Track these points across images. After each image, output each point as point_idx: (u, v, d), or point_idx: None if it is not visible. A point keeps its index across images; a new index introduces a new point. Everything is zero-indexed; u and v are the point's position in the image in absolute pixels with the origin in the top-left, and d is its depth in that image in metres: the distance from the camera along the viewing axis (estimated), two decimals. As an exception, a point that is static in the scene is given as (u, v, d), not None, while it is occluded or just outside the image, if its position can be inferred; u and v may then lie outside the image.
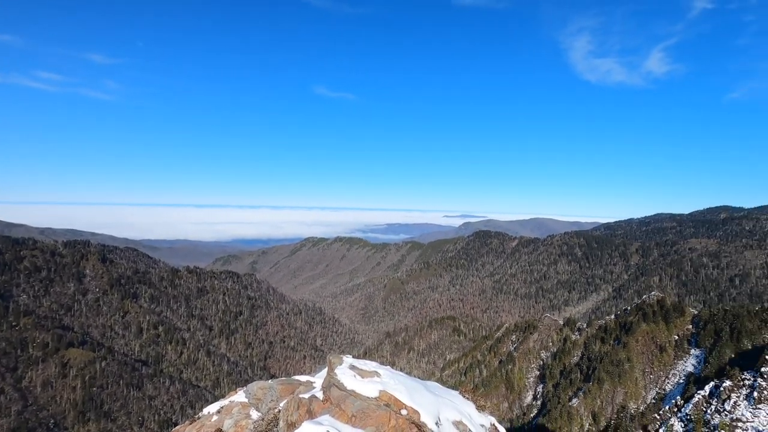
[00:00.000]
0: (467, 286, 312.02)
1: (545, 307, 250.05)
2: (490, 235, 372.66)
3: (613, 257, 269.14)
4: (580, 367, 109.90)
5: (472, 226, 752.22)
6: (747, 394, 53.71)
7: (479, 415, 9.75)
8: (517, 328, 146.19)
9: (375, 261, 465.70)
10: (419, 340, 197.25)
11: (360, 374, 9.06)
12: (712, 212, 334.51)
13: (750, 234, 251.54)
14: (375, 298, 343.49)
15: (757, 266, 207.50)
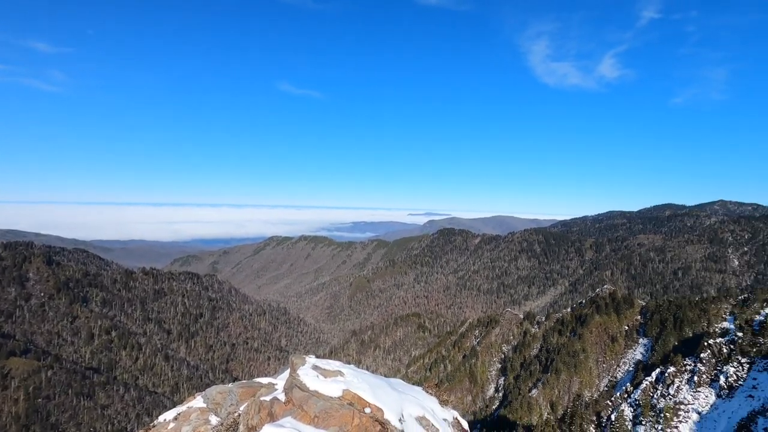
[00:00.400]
0: (432, 283, 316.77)
1: (507, 302, 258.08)
2: (454, 233, 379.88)
3: (569, 253, 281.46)
4: (539, 359, 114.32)
5: (437, 224, 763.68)
6: (688, 379, 57.71)
7: (442, 410, 9.91)
8: (480, 323, 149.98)
9: (341, 259, 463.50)
10: (385, 337, 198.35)
11: (323, 374, 8.97)
12: (658, 210, 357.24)
13: (691, 230, 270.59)
14: (341, 296, 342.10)
15: (697, 260, 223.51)
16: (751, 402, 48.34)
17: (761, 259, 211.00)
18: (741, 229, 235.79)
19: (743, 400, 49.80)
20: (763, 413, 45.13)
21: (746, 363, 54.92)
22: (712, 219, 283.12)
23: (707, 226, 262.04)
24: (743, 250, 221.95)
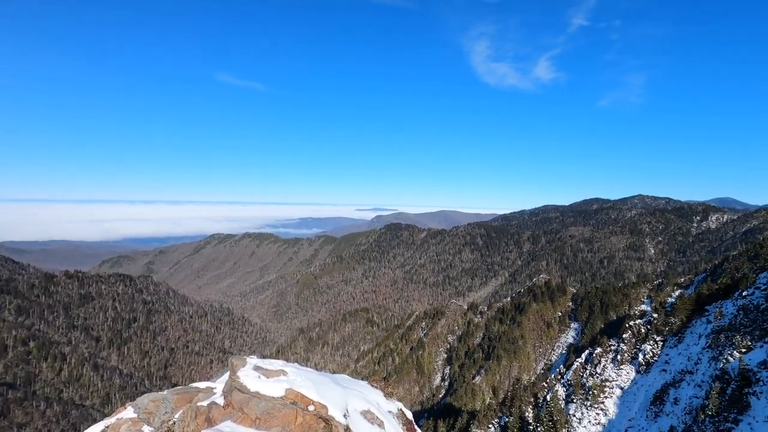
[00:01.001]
0: (380, 278, 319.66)
1: (452, 294, 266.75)
2: (401, 228, 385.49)
3: (509, 245, 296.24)
4: (482, 347, 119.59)
5: (384, 219, 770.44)
6: (613, 358, 63.12)
7: (387, 402, 10.04)
8: (427, 315, 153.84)
9: (287, 256, 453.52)
10: (333, 333, 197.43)
11: (265, 374, 8.72)
12: (587, 204, 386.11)
13: (615, 222, 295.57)
14: (287, 294, 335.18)
15: (620, 249, 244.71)
16: (664, 375, 53.85)
17: (672, 248, 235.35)
18: (656, 220, 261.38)
19: (658, 374, 55.37)
20: (673, 384, 50.45)
21: (660, 341, 61.05)
22: (632, 212, 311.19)
23: (628, 219, 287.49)
24: (658, 240, 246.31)
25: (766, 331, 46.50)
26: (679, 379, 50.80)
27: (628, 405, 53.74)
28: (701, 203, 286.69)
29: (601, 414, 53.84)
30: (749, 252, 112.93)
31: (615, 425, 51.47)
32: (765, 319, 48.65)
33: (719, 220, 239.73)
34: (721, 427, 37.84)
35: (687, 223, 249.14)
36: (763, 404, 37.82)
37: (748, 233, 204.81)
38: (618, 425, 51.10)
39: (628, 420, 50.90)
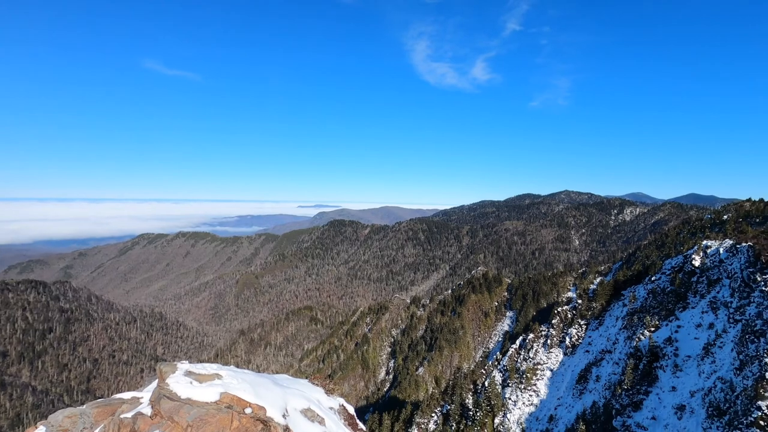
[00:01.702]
0: (323, 275, 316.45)
1: (395, 289, 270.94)
2: (344, 224, 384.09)
3: (449, 239, 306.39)
4: (424, 339, 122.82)
5: (327, 215, 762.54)
6: (543, 343, 67.66)
7: (328, 399, 9.95)
8: (371, 310, 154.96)
9: (225, 256, 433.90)
10: (276, 334, 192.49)
11: (198, 379, 8.25)
12: (520, 199, 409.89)
13: (545, 216, 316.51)
14: (226, 295, 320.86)
15: (549, 241, 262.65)
16: (588, 356, 58.73)
17: (594, 239, 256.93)
18: (580, 214, 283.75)
19: (582, 355, 60.27)
20: (595, 364, 55.16)
21: (584, 324, 66.45)
22: (560, 206, 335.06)
23: (556, 213, 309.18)
24: (582, 232, 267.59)
25: (671, 311, 52.24)
26: (600, 358, 55.65)
27: (557, 385, 57.96)
28: (618, 198, 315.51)
29: (533, 395, 57.57)
30: (657, 241, 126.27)
31: (546, 405, 55.30)
32: (670, 301, 54.60)
33: (633, 213, 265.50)
34: (634, 399, 42.03)
35: (606, 216, 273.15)
36: (668, 376, 42.49)
37: (656, 225, 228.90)
38: (548, 404, 54.96)
39: (557, 399, 54.93)
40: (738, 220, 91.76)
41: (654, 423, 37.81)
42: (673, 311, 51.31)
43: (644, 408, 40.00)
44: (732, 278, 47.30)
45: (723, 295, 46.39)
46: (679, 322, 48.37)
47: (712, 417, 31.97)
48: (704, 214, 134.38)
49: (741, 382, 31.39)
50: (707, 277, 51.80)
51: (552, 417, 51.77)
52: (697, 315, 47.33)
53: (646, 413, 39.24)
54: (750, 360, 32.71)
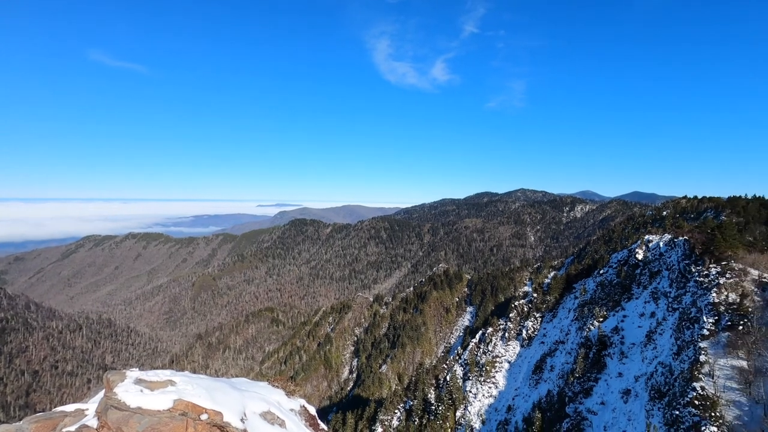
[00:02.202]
0: (284, 275, 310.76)
1: (358, 287, 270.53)
2: (306, 223, 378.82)
3: (411, 237, 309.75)
4: (387, 337, 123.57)
5: (288, 214, 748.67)
6: (501, 336, 69.93)
7: (289, 401, 9.79)
8: (334, 310, 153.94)
9: (180, 257, 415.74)
10: (236, 337, 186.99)
11: (149, 387, 7.87)
12: (479, 197, 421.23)
13: (502, 213, 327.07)
14: (182, 298, 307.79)
15: (507, 237, 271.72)
16: (543, 347, 61.30)
17: (548, 235, 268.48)
18: (535, 211, 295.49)
19: (538, 346, 62.85)
20: (550, 354, 57.66)
21: (539, 317, 69.30)
22: (516, 204, 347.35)
23: (513, 210, 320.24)
24: (537, 228, 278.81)
25: (617, 302, 55.52)
26: (554, 349, 58.25)
27: (514, 376, 60.13)
28: (569, 196, 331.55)
29: (493, 387, 59.42)
30: (605, 237, 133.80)
31: (504, 395, 57.25)
32: (616, 292, 58.00)
33: (583, 210, 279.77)
34: (585, 386, 44.33)
35: (559, 213, 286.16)
36: (615, 363, 45.12)
37: (604, 221, 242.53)
38: (507, 395, 56.92)
39: (515, 389, 57.00)
40: (675, 216, 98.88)
41: (603, 408, 40.10)
42: (619, 302, 54.60)
43: (594, 394, 42.32)
44: (670, 270, 50.96)
45: (663, 285, 49.89)
46: (624, 312, 51.53)
47: (654, 399, 34.35)
48: (646, 211, 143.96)
49: (679, 366, 33.92)
50: (649, 270, 55.52)
51: (510, 407, 53.69)
52: (641, 305, 50.64)
53: (596, 399, 41.56)
54: (686, 345, 35.41)
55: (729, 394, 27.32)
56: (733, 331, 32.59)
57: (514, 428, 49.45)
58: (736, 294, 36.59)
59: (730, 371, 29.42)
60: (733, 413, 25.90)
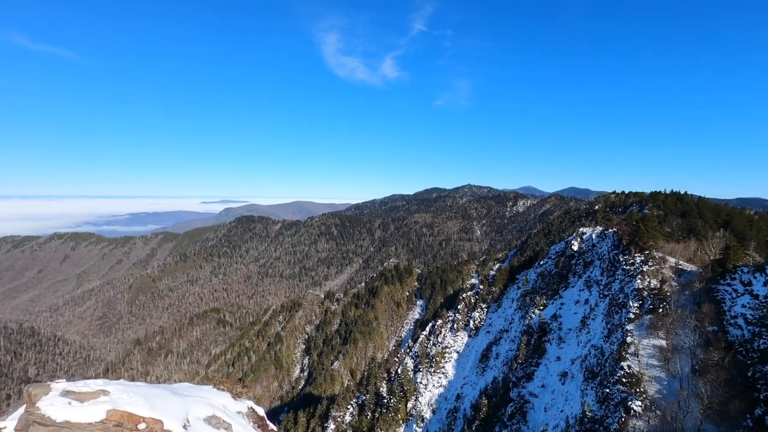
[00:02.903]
0: (231, 275, 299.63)
1: (309, 284, 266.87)
2: (254, 220, 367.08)
3: (362, 233, 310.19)
4: (339, 333, 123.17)
5: (234, 211, 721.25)
6: (450, 327, 72.10)
7: (236, 403, 9.48)
8: (284, 308, 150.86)
9: (115, 258, 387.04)
10: (179, 340, 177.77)
11: (78, 399, 7.28)
12: (428, 192, 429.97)
13: (450, 208, 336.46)
14: (117, 302, 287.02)
15: (455, 232, 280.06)
16: (489, 336, 63.99)
17: (493, 229, 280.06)
18: (481, 206, 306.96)
19: (484, 336, 65.52)
20: (495, 343, 60.29)
21: (485, 307, 72.18)
22: (463, 199, 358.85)
23: (460, 205, 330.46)
24: (483, 223, 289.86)
25: (556, 290, 59.06)
26: (499, 337, 60.99)
27: (462, 365, 62.29)
28: (512, 191, 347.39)
29: (442, 377, 61.19)
30: (544, 230, 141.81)
31: (453, 384, 59.17)
32: (554, 282, 61.65)
33: (525, 205, 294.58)
34: (527, 371, 46.85)
35: (503, 208, 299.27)
36: (554, 348, 48.04)
37: (544, 215, 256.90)
38: (456, 384, 58.88)
39: (463, 378, 59.07)
40: (606, 210, 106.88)
41: (543, 390, 42.67)
42: (557, 291, 58.21)
43: (535, 378, 44.91)
44: (602, 260, 55.07)
45: (595, 274, 53.83)
46: (562, 300, 55.03)
47: (587, 379, 37.06)
48: (581, 205, 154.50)
49: (609, 348, 36.84)
50: (583, 260, 59.64)
51: (459, 395, 55.63)
52: (576, 293, 54.32)
53: (537, 382, 44.13)
54: (615, 328, 38.51)
55: (651, 371, 30.11)
56: (654, 313, 35.91)
57: (462, 415, 51.32)
58: (657, 280, 40.31)
59: (652, 350, 32.42)
60: (654, 388, 28.58)
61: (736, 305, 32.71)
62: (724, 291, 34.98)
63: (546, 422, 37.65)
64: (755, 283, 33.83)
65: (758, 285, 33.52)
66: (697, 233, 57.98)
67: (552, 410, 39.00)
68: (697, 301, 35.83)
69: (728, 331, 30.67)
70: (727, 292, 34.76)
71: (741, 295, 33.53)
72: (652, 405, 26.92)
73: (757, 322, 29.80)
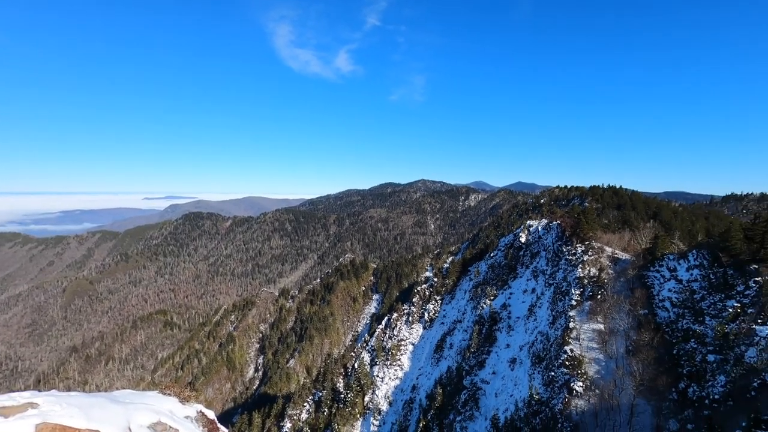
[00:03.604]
0: (179, 274, 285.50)
1: (262, 282, 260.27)
2: (202, 217, 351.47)
3: (316, 229, 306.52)
4: (294, 331, 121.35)
5: (181, 208, 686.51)
6: (406, 320, 73.21)
7: (184, 408, 9.05)
8: (236, 307, 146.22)
9: (45, 260, 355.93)
10: (121, 346, 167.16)
11: (2, 414, 6.65)
12: (383, 187, 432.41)
13: (404, 203, 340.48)
14: (49, 307, 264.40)
15: (409, 226, 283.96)
16: (443, 327, 65.65)
17: (447, 222, 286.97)
18: (435, 201, 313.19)
19: (438, 327, 67.14)
20: (449, 333, 61.97)
21: (439, 299, 73.92)
22: (417, 194, 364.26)
23: (414, 200, 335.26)
24: (436, 217, 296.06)
25: (505, 281, 61.54)
26: (453, 328, 62.74)
27: (418, 357, 63.52)
28: (464, 186, 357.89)
29: (399, 369, 62.09)
30: (494, 223, 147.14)
31: (409, 376, 60.23)
32: (504, 273, 64.22)
33: (476, 199, 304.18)
34: (479, 359, 48.59)
35: (456, 202, 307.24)
36: (504, 335, 50.10)
37: (494, 208, 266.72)
38: (411, 375, 59.96)
39: (418, 369, 60.27)
40: (551, 204, 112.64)
41: (494, 377, 44.50)
42: (507, 281, 60.74)
43: (487, 365, 46.72)
44: (547, 250, 58.06)
45: (541, 264, 56.69)
46: (511, 290, 57.51)
47: (535, 364, 39.08)
48: (528, 199, 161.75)
49: (554, 333, 39.02)
50: (530, 251, 62.60)
51: (415, 386, 56.73)
52: (524, 282, 56.97)
53: (489, 369, 45.93)
54: (559, 315, 40.84)
55: (591, 353, 32.29)
56: (593, 300, 38.47)
57: (418, 406, 52.41)
58: (596, 268, 43.17)
59: (592, 334, 34.75)
60: (594, 369, 30.69)
61: (664, 289, 35.77)
62: (654, 277, 38.12)
63: (497, 407, 39.35)
64: (679, 269, 37.14)
65: (682, 271, 36.83)
66: (631, 224, 62.66)
67: (502, 395, 40.80)
68: (631, 287, 38.80)
69: (657, 313, 33.49)
70: (655, 277, 37.90)
71: (668, 280, 36.70)
72: (592, 385, 28.91)
73: (681, 304, 32.78)
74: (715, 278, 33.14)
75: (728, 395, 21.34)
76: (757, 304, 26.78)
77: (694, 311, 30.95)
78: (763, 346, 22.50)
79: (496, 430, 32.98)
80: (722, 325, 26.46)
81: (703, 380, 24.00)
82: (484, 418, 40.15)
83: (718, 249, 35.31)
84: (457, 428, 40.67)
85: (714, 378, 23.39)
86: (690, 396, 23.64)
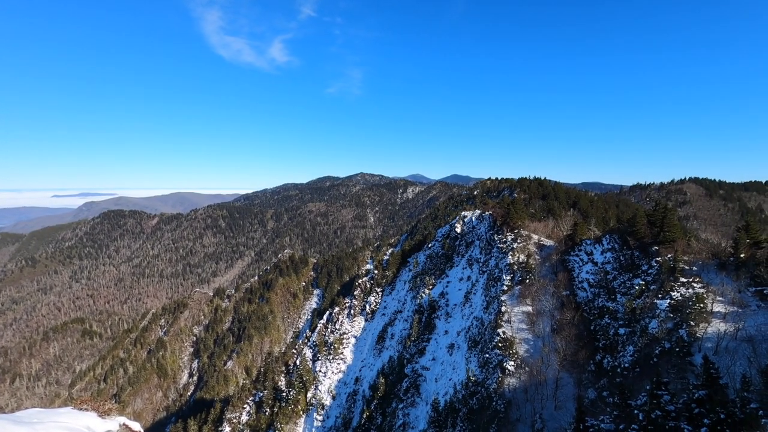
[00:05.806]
0: (98, 278, 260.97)
1: (195, 282, 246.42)
2: (124, 215, 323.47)
3: (253, 224, 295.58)
4: (232, 331, 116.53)
5: (98, 205, 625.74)
6: (348, 313, 73.31)
7: (103, 422, 8.33)
8: (166, 310, 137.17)
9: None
10: (30, 360, 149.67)
11: None
12: (321, 181, 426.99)
13: (344, 197, 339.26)
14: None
15: (349, 220, 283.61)
16: (384, 318, 66.66)
17: (386, 215, 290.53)
18: (374, 194, 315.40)
19: (380, 318, 68.06)
20: (390, 324, 63.07)
21: (380, 291, 74.86)
22: (356, 187, 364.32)
23: (354, 193, 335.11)
24: (376, 210, 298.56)
25: (443, 270, 63.74)
26: (393, 318, 63.93)
27: (360, 349, 64.00)
28: (402, 179, 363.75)
29: (341, 363, 62.13)
30: (432, 214, 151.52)
31: (352, 368, 60.53)
32: (441, 262, 66.46)
33: (414, 192, 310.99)
34: (420, 347, 50.03)
35: (394, 195, 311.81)
36: (442, 323, 51.96)
37: (431, 200, 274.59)
38: (354, 368, 60.31)
39: (361, 361, 60.75)
40: (483, 195, 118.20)
41: (434, 363, 46.13)
42: (444, 270, 62.98)
43: (427, 353, 48.28)
44: (480, 240, 60.98)
45: (475, 253, 59.46)
46: (448, 279, 59.74)
47: (471, 348, 41.08)
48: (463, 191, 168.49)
49: (488, 318, 41.24)
50: (465, 241, 65.38)
51: (358, 378, 57.16)
52: (460, 271, 59.45)
53: (428, 356, 47.51)
54: (492, 300, 43.20)
55: (521, 334, 34.60)
56: (522, 284, 41.16)
57: (362, 397, 52.94)
58: (524, 255, 46.16)
59: (522, 316, 37.21)
60: (524, 348, 32.93)
61: (582, 272, 39.21)
62: (574, 261, 41.61)
63: (437, 391, 40.90)
64: (595, 253, 40.89)
65: (597, 254, 40.58)
66: (554, 213, 67.78)
67: (442, 380, 42.46)
68: (555, 271, 42.07)
69: (577, 294, 36.68)
70: (575, 261, 41.40)
71: (586, 263, 40.25)
72: (522, 363, 31.05)
73: (597, 284, 36.19)
74: (624, 260, 36.96)
75: (636, 363, 24.00)
76: (658, 281, 30.30)
77: (608, 290, 34.35)
78: (662, 318, 25.56)
79: (436, 414, 34.30)
80: (630, 301, 29.65)
81: (615, 351, 26.77)
82: (425, 403, 41.57)
83: (626, 233, 39.39)
84: (399, 415, 41.70)
85: (624, 349, 26.18)
86: (605, 366, 26.27)
